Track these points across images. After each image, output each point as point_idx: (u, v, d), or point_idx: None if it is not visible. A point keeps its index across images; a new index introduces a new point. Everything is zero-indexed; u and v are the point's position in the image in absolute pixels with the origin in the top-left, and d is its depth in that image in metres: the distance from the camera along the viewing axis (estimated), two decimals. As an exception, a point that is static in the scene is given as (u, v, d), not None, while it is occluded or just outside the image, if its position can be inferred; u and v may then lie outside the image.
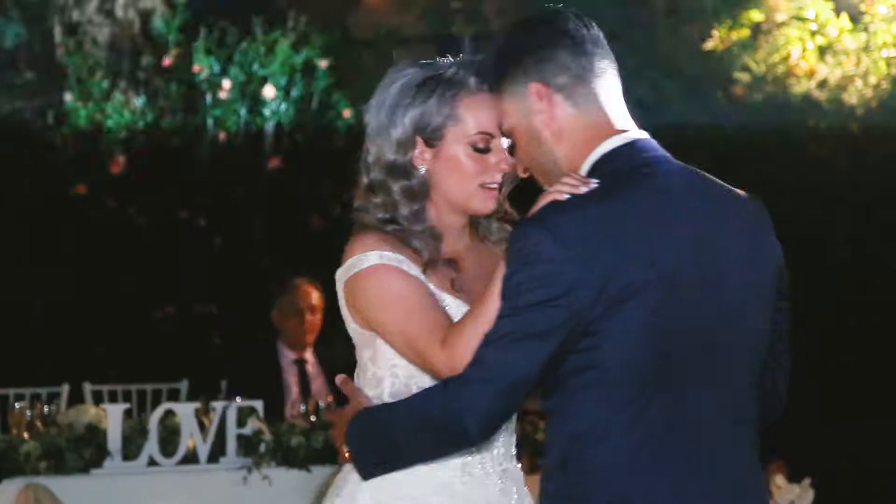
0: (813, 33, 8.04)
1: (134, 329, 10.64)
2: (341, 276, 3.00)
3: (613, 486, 2.65)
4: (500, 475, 3.07)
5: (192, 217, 11.15)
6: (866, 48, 7.89)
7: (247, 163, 11.16)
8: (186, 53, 11.10)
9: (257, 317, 8.31)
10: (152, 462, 5.63)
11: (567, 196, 2.68)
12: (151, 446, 5.61)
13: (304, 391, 7.33)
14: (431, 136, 2.98)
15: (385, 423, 2.86)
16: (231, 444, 5.72)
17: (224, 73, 11.08)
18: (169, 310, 11.09)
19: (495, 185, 3.03)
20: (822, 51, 8.02)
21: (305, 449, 5.81)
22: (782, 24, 8.04)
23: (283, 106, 11.20)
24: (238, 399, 5.86)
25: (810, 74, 7.96)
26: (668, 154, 2.85)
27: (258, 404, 5.83)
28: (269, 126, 11.27)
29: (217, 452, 5.72)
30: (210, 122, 11.12)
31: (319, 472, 5.84)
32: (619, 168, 2.75)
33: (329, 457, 5.84)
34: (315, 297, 7.49)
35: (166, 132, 11.05)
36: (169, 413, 5.74)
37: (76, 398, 7.70)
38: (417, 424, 2.78)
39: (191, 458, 5.69)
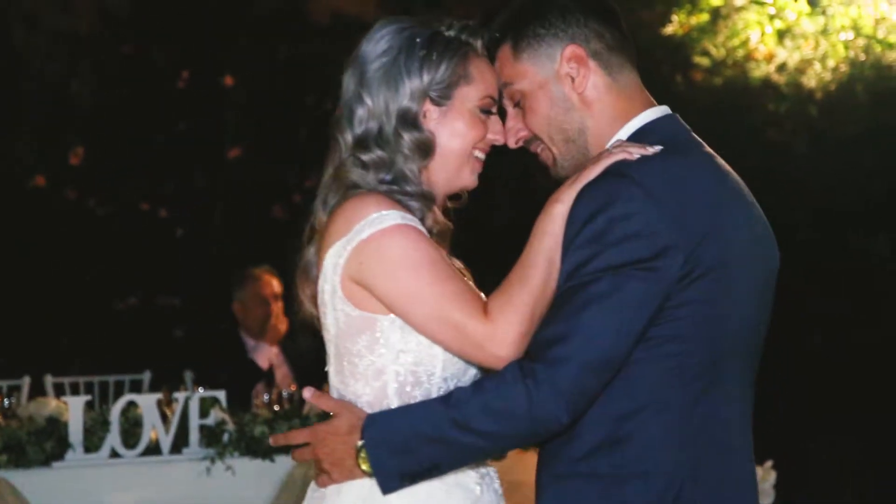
0: (771, 17, 8.07)
1: (96, 321, 10.60)
2: (344, 244, 2.66)
3: (674, 456, 2.56)
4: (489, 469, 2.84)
5: (154, 208, 11.12)
6: (824, 31, 7.92)
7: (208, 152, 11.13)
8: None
9: (220, 307, 8.29)
10: (114, 454, 5.59)
11: (637, 156, 2.58)
12: (113, 438, 5.58)
13: (270, 380, 7.33)
14: (441, 95, 2.77)
15: (431, 427, 2.56)
16: (194, 435, 5.70)
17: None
18: (131, 301, 11.05)
19: (483, 158, 2.85)
20: (781, 34, 8.05)
21: (269, 439, 5.79)
22: (741, 8, 8.06)
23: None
24: (200, 389, 5.83)
25: (769, 58, 7.99)
26: None
27: (221, 395, 5.80)
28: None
29: (180, 443, 5.69)
30: None
31: (283, 461, 5.82)
32: (666, 139, 2.67)
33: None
34: (276, 284, 7.49)
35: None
36: (131, 404, 5.70)
37: (37, 391, 7.65)
38: (495, 421, 2.51)
39: (153, 449, 5.66)
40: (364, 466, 2.62)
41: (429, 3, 11.61)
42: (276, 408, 6.08)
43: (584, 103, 2.73)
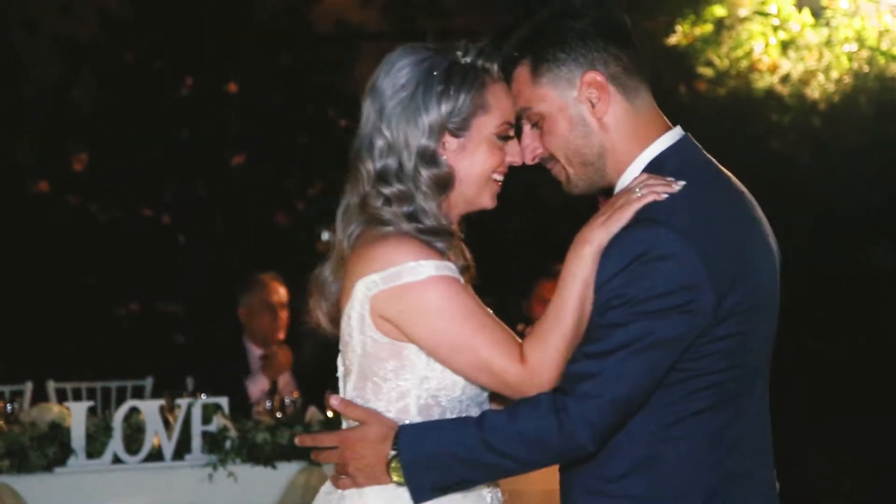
0: (775, 28, 8.08)
1: (98, 326, 10.61)
2: (374, 283, 2.74)
3: (706, 478, 2.66)
4: None
5: (156, 214, 11.14)
6: (828, 43, 7.93)
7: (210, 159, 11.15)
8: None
9: (222, 313, 8.29)
10: (117, 460, 5.60)
11: (665, 196, 2.63)
12: (116, 444, 5.58)
13: (272, 387, 7.33)
14: (459, 127, 2.81)
15: (464, 449, 2.68)
16: (196, 441, 5.70)
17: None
18: (133, 307, 11.06)
19: (502, 179, 2.90)
20: (785, 45, 8.05)
21: (271, 445, 5.80)
22: (745, 19, 8.07)
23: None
24: (203, 396, 5.84)
25: (773, 69, 7.99)
26: None
27: (223, 401, 5.80)
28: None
29: (182, 450, 5.70)
30: None
31: (285, 468, 5.83)
32: (685, 166, 2.73)
33: (295, 453, 5.82)
34: (283, 292, 7.49)
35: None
36: (133, 410, 5.71)
37: (40, 396, 7.65)
38: (526, 448, 2.64)
39: (156, 455, 5.66)
40: (395, 477, 2.73)
41: (432, 12, 11.63)
42: (279, 415, 6.08)
43: (603, 128, 2.76)
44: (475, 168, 2.84)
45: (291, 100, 11.30)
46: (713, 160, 2.81)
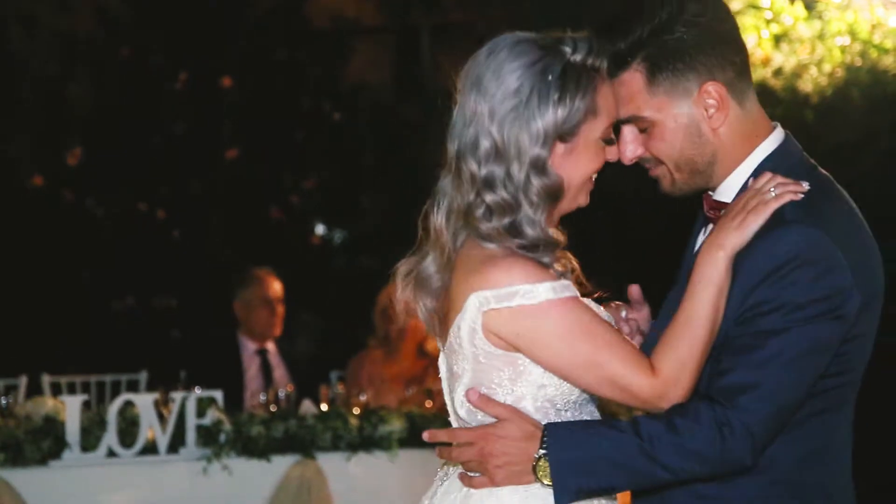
0: (768, 21, 8.07)
1: (93, 320, 10.61)
2: (486, 300, 2.64)
3: (818, 482, 2.70)
4: None
5: (151, 208, 11.14)
6: (821, 36, 7.92)
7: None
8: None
9: (216, 307, 8.30)
10: (111, 453, 5.62)
11: (800, 196, 2.61)
12: (110, 437, 5.60)
13: (267, 381, 7.36)
14: (568, 132, 2.69)
15: (622, 454, 2.62)
16: (191, 435, 5.72)
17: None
18: (128, 301, 11.07)
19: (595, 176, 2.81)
20: (777, 39, 8.05)
21: (265, 439, 5.82)
22: (738, 12, 8.06)
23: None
24: (197, 389, 5.85)
25: (765, 62, 7.99)
26: None
27: (218, 394, 5.82)
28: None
29: (177, 443, 5.72)
30: None
31: (280, 461, 5.85)
32: (794, 166, 2.72)
33: (289, 446, 5.84)
34: (278, 287, 7.52)
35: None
36: (128, 404, 5.73)
37: (34, 390, 7.67)
38: (684, 460, 2.59)
39: (150, 448, 5.68)
40: (542, 476, 2.65)
41: (427, 6, 11.63)
42: (273, 408, 6.10)
43: (717, 136, 2.74)
44: (578, 172, 2.74)
45: (286, 94, 11.29)
46: (811, 159, 2.81)
